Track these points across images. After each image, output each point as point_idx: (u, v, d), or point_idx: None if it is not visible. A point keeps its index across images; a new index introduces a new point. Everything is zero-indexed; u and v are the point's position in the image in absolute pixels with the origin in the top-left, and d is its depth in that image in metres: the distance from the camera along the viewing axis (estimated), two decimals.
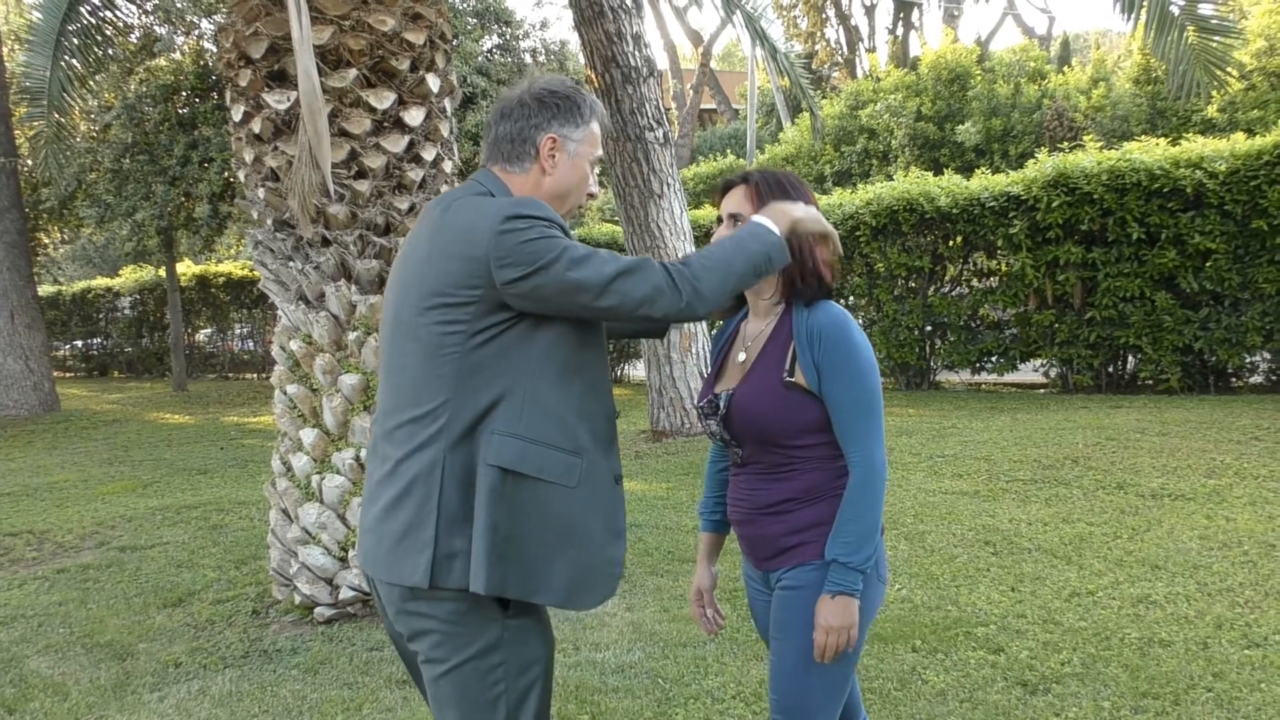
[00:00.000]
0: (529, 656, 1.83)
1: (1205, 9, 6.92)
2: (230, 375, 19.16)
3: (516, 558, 1.76)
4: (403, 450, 1.82)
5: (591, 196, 2.04)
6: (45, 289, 21.09)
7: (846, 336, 1.97)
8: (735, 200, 2.09)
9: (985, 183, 10.09)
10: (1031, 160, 10.02)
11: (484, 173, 1.96)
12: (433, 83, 4.51)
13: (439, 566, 1.76)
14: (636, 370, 13.70)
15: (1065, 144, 10.91)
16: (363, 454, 4.36)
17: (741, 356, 2.11)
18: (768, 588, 2.12)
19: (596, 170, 2.05)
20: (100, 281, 22.26)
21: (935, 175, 11.01)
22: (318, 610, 4.35)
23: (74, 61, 9.04)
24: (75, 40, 8.88)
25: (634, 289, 1.77)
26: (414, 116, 4.44)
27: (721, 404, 2.07)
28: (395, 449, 1.84)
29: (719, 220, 2.13)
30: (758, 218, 1.96)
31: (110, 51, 9.74)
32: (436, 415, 1.79)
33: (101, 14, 9.13)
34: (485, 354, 1.78)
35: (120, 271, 22.81)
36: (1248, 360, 9.12)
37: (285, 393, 4.55)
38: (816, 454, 2.01)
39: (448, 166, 4.70)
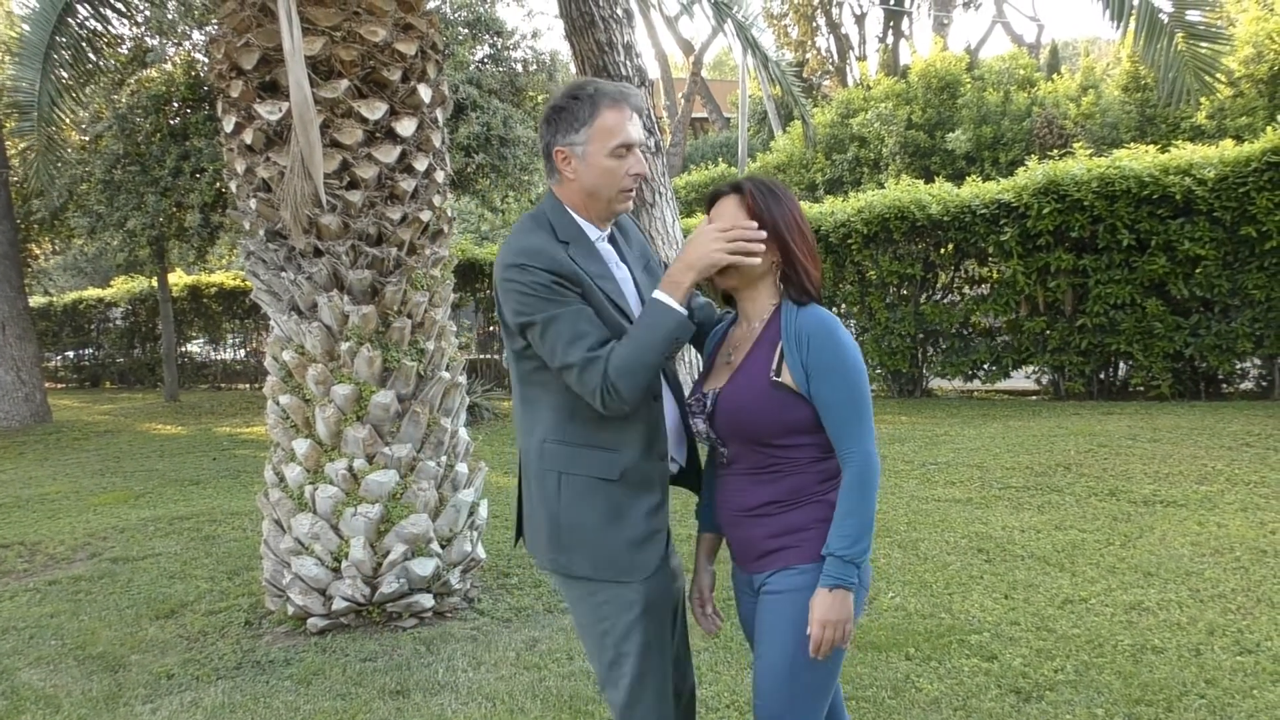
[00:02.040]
0: (629, 597, 2.13)
1: (1194, 16, 6.96)
2: (222, 386, 19.09)
3: (573, 544, 2.13)
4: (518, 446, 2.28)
5: (638, 176, 2.14)
6: (36, 300, 20.99)
7: (834, 338, 2.01)
8: (729, 210, 2.09)
9: (976, 190, 10.12)
10: (1022, 168, 10.04)
11: (548, 191, 2.20)
12: (424, 93, 4.52)
13: (523, 537, 2.29)
14: None
15: (1055, 151, 10.91)
16: (355, 464, 4.35)
17: (730, 357, 2.14)
18: (753, 591, 2.14)
19: (631, 152, 2.10)
20: (92, 292, 22.13)
21: (926, 183, 11.04)
22: (311, 621, 4.34)
23: (64, 73, 8.99)
24: (66, 52, 8.83)
25: (577, 382, 2.03)
26: (406, 127, 4.44)
27: (709, 402, 2.10)
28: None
29: None
30: (659, 294, 2.04)
31: (101, 63, 9.68)
32: (519, 422, 2.22)
33: (92, 25, 9.07)
34: (531, 369, 2.15)
35: (112, 282, 22.68)
36: (1238, 366, 9.13)
37: (278, 403, 4.55)
38: (802, 455, 2.04)
39: (440, 177, 4.70)
